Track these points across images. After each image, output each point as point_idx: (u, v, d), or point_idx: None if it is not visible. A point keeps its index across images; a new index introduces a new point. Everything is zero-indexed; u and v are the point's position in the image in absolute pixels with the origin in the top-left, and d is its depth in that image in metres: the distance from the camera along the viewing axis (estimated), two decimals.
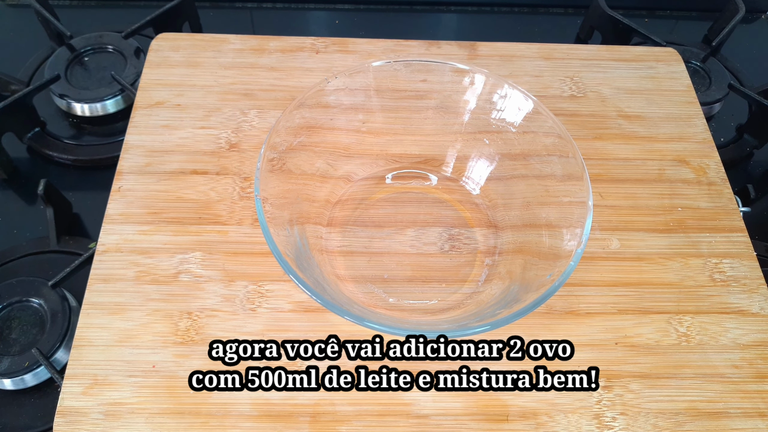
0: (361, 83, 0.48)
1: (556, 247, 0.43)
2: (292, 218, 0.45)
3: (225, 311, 0.44)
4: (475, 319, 0.41)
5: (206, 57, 0.57)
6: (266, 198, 0.41)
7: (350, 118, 0.50)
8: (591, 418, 0.41)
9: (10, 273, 0.52)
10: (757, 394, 0.43)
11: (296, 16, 0.74)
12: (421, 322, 0.45)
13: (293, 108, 0.45)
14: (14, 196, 0.59)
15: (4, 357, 0.47)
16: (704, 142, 0.54)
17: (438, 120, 0.50)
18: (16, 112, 0.59)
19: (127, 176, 0.50)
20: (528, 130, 0.47)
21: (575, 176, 0.43)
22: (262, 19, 0.74)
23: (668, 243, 0.49)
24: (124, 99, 0.62)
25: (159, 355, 0.43)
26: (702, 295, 0.47)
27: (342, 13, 0.75)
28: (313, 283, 0.39)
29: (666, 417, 0.42)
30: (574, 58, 0.59)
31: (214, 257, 0.47)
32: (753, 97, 0.63)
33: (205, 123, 0.53)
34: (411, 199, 0.51)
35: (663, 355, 0.44)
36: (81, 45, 0.65)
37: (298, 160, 0.47)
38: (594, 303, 0.46)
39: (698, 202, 0.51)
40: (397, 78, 0.49)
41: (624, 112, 0.55)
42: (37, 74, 0.65)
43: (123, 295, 0.45)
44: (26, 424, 0.47)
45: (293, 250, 0.42)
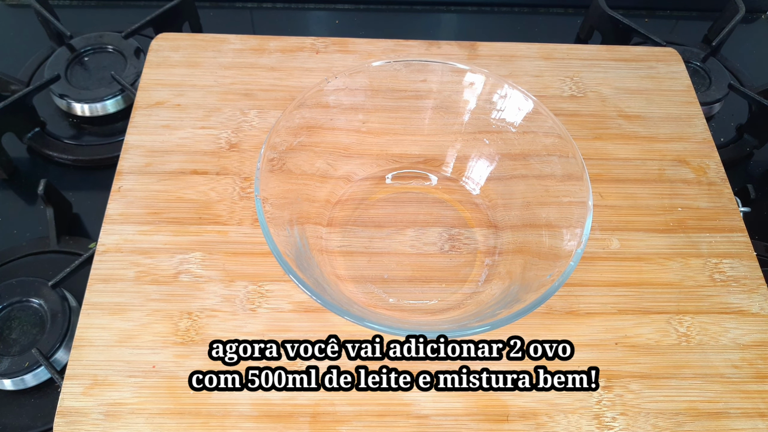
0: (361, 83, 0.48)
1: (556, 247, 0.43)
2: (292, 218, 0.45)
3: (225, 311, 0.44)
4: (475, 319, 0.41)
5: (206, 57, 0.57)
6: (266, 198, 0.41)
7: (350, 118, 0.50)
8: (591, 418, 0.41)
9: (10, 273, 0.52)
10: (757, 394, 0.43)
11: (296, 16, 0.74)
12: (421, 322, 0.45)
13: (293, 108, 0.45)
14: (14, 196, 0.59)
15: (4, 357, 0.48)
16: (704, 142, 0.54)
17: (438, 120, 0.50)
18: (16, 112, 0.59)
19: (127, 176, 0.50)
20: (528, 130, 0.47)
21: (575, 176, 0.43)
22: (262, 19, 0.74)
23: (668, 243, 0.49)
24: (124, 99, 0.62)
25: (159, 355, 0.43)
26: (702, 296, 0.47)
27: (342, 13, 0.75)
28: (313, 284, 0.39)
29: (666, 417, 0.42)
30: (574, 58, 0.59)
31: (214, 257, 0.47)
32: (753, 97, 0.63)
33: (205, 123, 0.53)
34: (411, 199, 0.51)
35: (663, 355, 0.44)
36: (81, 45, 0.65)
37: (298, 160, 0.47)
38: (594, 303, 0.46)
39: (698, 202, 0.51)
40: (397, 78, 0.49)
41: (624, 112, 0.55)
42: (37, 74, 0.65)
43: (123, 295, 0.45)
44: (26, 424, 0.47)
45: (293, 250, 0.42)
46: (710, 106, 0.64)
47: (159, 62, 0.56)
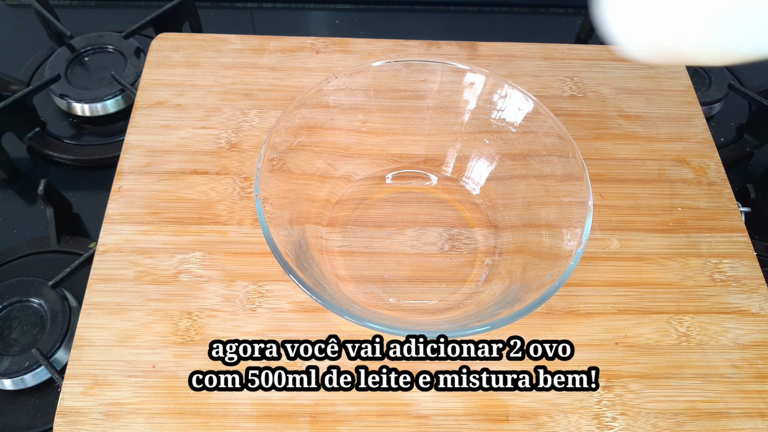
0: (361, 83, 0.48)
1: (557, 247, 0.43)
2: (292, 218, 0.45)
3: (225, 311, 0.44)
4: (476, 319, 0.41)
5: (206, 57, 0.57)
6: (266, 198, 0.41)
7: (350, 118, 0.50)
8: (591, 418, 0.41)
9: (10, 273, 0.53)
10: (757, 394, 0.43)
11: (296, 16, 0.74)
12: (420, 322, 0.45)
13: (293, 108, 0.45)
14: (14, 196, 0.59)
15: (4, 357, 0.48)
16: (704, 143, 0.54)
17: (438, 120, 0.50)
18: (16, 112, 0.59)
19: (127, 176, 0.50)
20: (528, 130, 0.47)
21: (575, 176, 0.43)
22: (262, 19, 0.74)
23: (668, 243, 0.49)
24: (124, 99, 0.62)
25: (159, 355, 0.43)
26: (702, 296, 0.47)
27: (342, 13, 0.75)
28: (313, 283, 0.39)
29: (666, 417, 0.42)
30: (574, 58, 0.59)
31: (214, 257, 0.47)
32: (753, 97, 0.63)
33: (205, 123, 0.53)
34: (411, 199, 0.51)
35: (663, 355, 0.44)
36: (81, 45, 0.65)
37: (298, 160, 0.47)
38: (594, 303, 0.46)
39: (698, 202, 0.51)
40: (397, 78, 0.49)
41: (624, 112, 0.56)
42: (37, 74, 0.65)
43: (123, 295, 0.45)
44: (26, 424, 0.47)
45: (293, 250, 0.42)
46: (710, 106, 0.64)
47: (159, 62, 0.56)
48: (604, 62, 0.59)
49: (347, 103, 0.49)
